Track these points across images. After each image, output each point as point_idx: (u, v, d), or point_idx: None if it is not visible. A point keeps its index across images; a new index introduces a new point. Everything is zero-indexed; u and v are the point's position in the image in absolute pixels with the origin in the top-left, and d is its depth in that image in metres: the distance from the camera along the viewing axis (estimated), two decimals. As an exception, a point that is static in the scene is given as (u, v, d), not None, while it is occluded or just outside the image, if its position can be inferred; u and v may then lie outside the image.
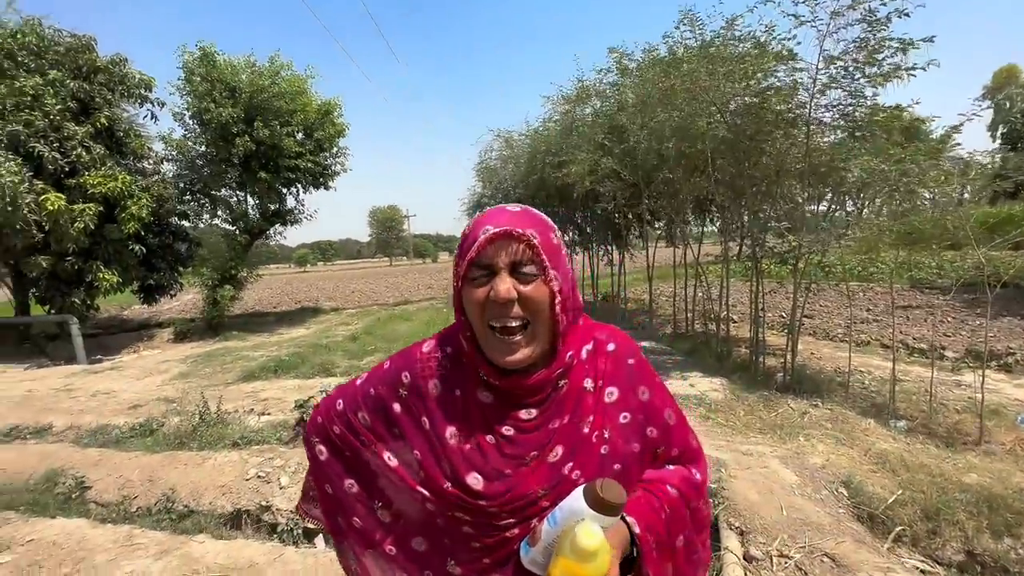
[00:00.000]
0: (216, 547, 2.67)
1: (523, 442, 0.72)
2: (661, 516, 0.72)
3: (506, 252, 0.67)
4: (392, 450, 0.77)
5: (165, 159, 11.93)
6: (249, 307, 16.13)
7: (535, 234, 0.68)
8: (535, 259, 0.68)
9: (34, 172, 8.85)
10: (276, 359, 7.32)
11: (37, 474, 3.68)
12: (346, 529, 0.82)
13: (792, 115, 5.18)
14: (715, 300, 7.51)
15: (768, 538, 2.34)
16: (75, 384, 6.73)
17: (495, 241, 0.67)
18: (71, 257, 9.46)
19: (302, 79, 11.72)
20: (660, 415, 0.78)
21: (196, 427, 4.24)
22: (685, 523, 0.76)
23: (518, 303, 0.67)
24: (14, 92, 8.81)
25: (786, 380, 5.29)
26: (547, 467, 0.71)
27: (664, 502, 0.73)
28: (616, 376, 0.77)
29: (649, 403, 0.78)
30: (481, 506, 0.70)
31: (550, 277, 0.69)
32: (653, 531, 0.70)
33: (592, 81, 7.98)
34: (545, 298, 0.69)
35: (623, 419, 0.75)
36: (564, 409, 0.73)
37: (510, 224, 0.68)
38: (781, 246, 5.88)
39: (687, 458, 0.81)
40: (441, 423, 0.74)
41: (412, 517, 0.77)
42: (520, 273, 0.68)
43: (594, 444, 0.72)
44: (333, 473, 0.83)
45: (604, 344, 0.79)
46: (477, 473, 0.70)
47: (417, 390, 0.77)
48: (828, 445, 3.44)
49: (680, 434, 0.80)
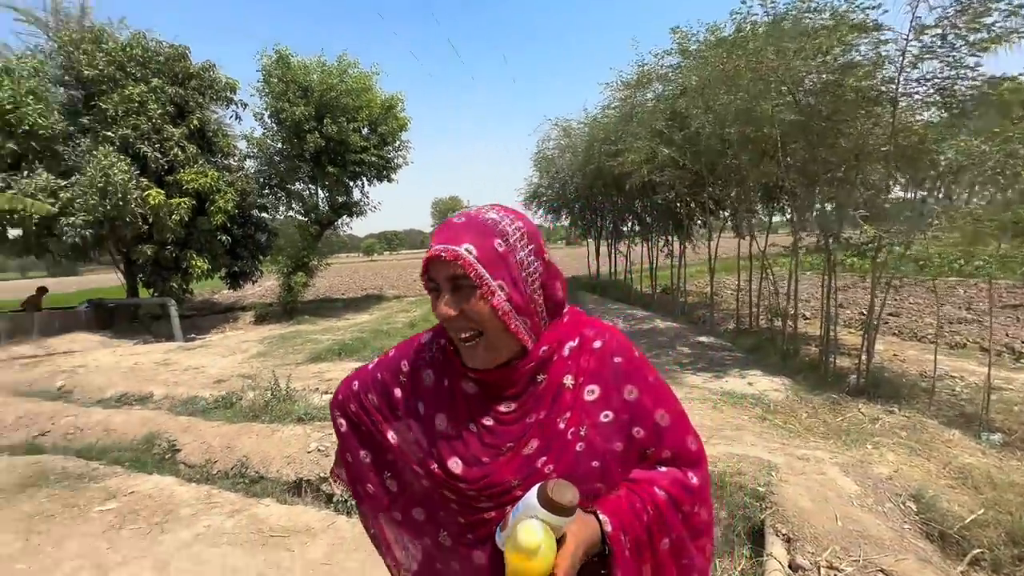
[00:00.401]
0: (279, 511, 2.94)
1: (501, 433, 0.74)
2: (643, 517, 0.71)
3: (443, 269, 0.69)
4: (395, 429, 0.83)
5: (247, 156, 12.99)
6: (320, 293, 17.26)
7: (471, 248, 0.68)
8: (468, 275, 0.68)
9: (140, 171, 9.99)
10: (341, 343, 7.81)
11: (139, 436, 4.22)
12: (363, 495, 0.90)
13: (875, 92, 4.69)
14: (782, 294, 7.04)
15: (818, 548, 2.20)
16: (172, 359, 7.59)
17: (434, 260, 0.69)
18: (170, 246, 10.62)
19: (367, 76, 12.24)
20: (650, 416, 0.76)
21: (268, 402, 4.65)
22: (674, 526, 0.74)
23: (464, 316, 0.69)
24: (124, 100, 9.95)
25: (859, 383, 4.87)
26: (521, 459, 0.72)
27: (648, 503, 0.72)
28: (599, 374, 0.76)
29: (637, 403, 0.76)
30: (461, 488, 0.74)
31: (490, 289, 0.69)
32: (629, 531, 0.69)
33: (652, 65, 7.64)
34: (486, 310, 0.69)
35: (604, 417, 0.74)
36: (541, 404, 0.74)
37: (445, 242, 0.69)
38: (859, 237, 5.37)
39: (683, 461, 0.78)
40: (432, 410, 0.79)
41: (414, 489, 0.84)
42: (460, 288, 0.70)
43: (569, 440, 0.73)
44: (351, 445, 0.90)
45: (590, 341, 0.78)
46: (458, 459, 0.74)
47: (413, 378, 0.82)
48: (899, 455, 3.15)
49: (675, 436, 0.77)
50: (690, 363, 5.94)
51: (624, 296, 12.96)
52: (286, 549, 2.54)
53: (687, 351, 6.59)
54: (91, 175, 9.12)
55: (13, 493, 3.23)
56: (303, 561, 2.43)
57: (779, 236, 10.40)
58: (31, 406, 5.16)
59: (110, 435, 4.37)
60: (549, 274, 0.76)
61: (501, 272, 0.70)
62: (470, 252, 0.68)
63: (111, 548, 2.58)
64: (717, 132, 6.11)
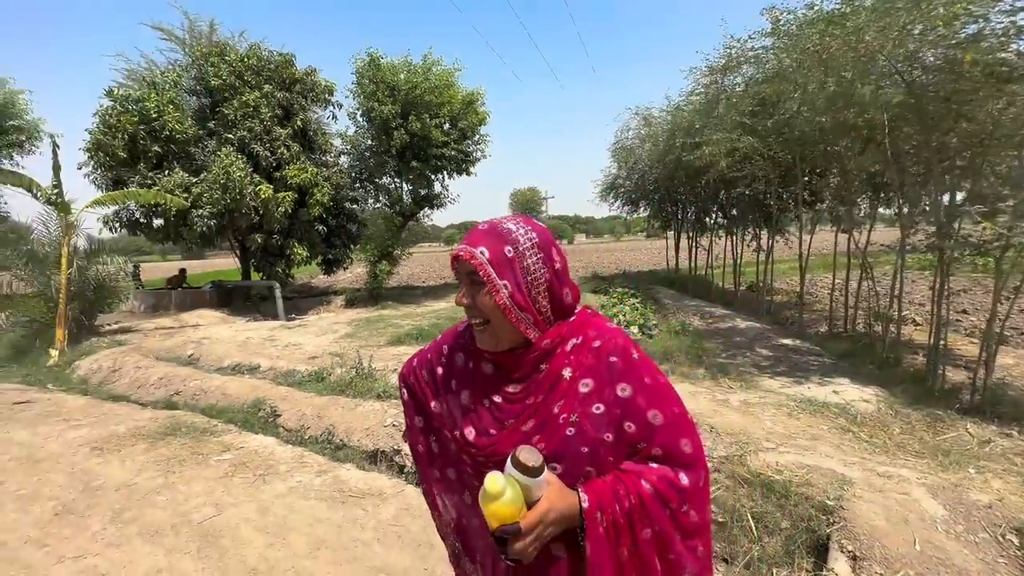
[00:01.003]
0: (358, 475, 3.31)
1: (506, 410, 0.87)
2: (623, 503, 0.77)
3: (462, 267, 0.84)
4: (436, 400, 0.99)
5: (341, 153, 14.11)
6: (403, 280, 18.37)
7: (485, 251, 0.82)
8: (479, 273, 0.82)
9: (253, 168, 11.29)
10: (419, 328, 8.34)
11: (248, 401, 4.89)
12: (417, 453, 1.08)
13: (1009, 67, 4.05)
14: (884, 295, 6.34)
15: (888, 570, 2.05)
16: (276, 336, 8.58)
17: (454, 258, 0.85)
18: (276, 235, 11.92)
19: (450, 73, 12.72)
20: (642, 414, 0.82)
21: (352, 379, 5.14)
22: (658, 519, 0.79)
23: (475, 306, 0.84)
24: (242, 105, 11.27)
25: (973, 399, 4.31)
26: (520, 434, 0.84)
27: (632, 491, 0.78)
28: (594, 370, 0.84)
29: (630, 400, 0.82)
30: (472, 453, 0.88)
31: (495, 287, 0.81)
32: (606, 511, 0.76)
33: (740, 48, 7.15)
34: (490, 303, 0.83)
35: (595, 409, 0.82)
36: (540, 390, 0.86)
37: (466, 244, 0.84)
38: (982, 233, 4.69)
39: (676, 462, 0.82)
40: (460, 386, 0.94)
41: (449, 452, 0.99)
42: (474, 283, 0.84)
43: (560, 424, 0.82)
44: (410, 411, 1.07)
45: (591, 340, 0.87)
46: (472, 428, 0.89)
47: (451, 359, 0.99)
48: (1008, 483, 2.78)
49: (667, 437, 0.82)
50: (768, 366, 5.59)
51: (703, 292, 12.36)
52: (361, 508, 2.87)
53: (767, 353, 6.20)
54: (215, 173, 10.49)
55: (156, 439, 3.94)
56: (375, 520, 2.73)
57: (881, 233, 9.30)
58: (168, 369, 6.16)
59: (226, 398, 5.10)
60: (559, 282, 0.87)
61: (507, 274, 0.82)
62: (483, 254, 0.82)
63: (225, 491, 3.08)
64: (811, 117, 5.61)
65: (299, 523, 2.72)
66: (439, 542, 1.13)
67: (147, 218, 11.82)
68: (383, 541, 2.54)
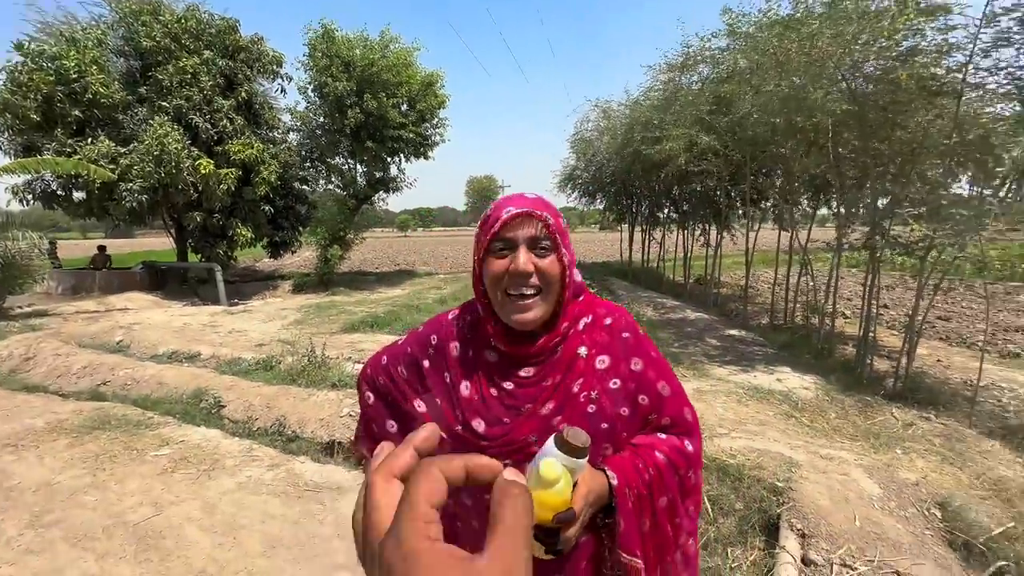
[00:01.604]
0: (313, 468, 3.16)
1: (520, 395, 0.83)
2: (644, 476, 0.79)
3: (525, 229, 0.78)
4: (422, 399, 0.92)
5: (290, 129, 13.33)
6: (355, 266, 17.76)
7: (549, 216, 0.79)
8: (550, 236, 0.79)
9: (191, 141, 10.44)
10: (374, 315, 8.09)
11: (188, 391, 4.55)
12: None
13: (938, 83, 4.39)
14: (821, 291, 6.81)
15: (832, 546, 2.21)
16: (217, 322, 8.04)
17: (517, 219, 0.78)
18: (217, 214, 11.12)
19: (408, 52, 12.27)
20: (653, 386, 0.86)
21: (305, 367, 4.90)
22: (671, 487, 0.82)
23: (538, 272, 0.78)
24: (179, 71, 10.35)
25: (896, 386, 4.72)
26: (539, 418, 0.81)
27: (649, 464, 0.80)
28: (610, 347, 0.86)
29: (642, 374, 0.85)
30: (483, 446, 0.82)
31: (562, 253, 0.80)
32: (632, 486, 0.78)
33: (698, 47, 7.35)
34: (557, 271, 0.79)
35: (612, 384, 0.83)
36: (557, 370, 0.83)
37: (530, 206, 0.79)
38: (909, 235, 5.12)
39: (680, 430, 0.87)
40: (458, 377, 0.87)
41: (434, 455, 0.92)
42: (537, 248, 0.79)
43: (581, 402, 0.82)
44: (378, 415, 0.97)
45: (602, 318, 0.88)
46: (481, 419, 0.83)
47: (442, 350, 0.91)
48: (930, 462, 3.07)
49: (673, 406, 0.87)
50: (718, 355, 5.87)
51: (655, 284, 12.78)
52: (319, 503, 2.74)
53: (716, 343, 6.50)
54: (147, 143, 9.61)
55: (81, 434, 3.58)
56: (335, 514, 2.62)
57: (821, 231, 9.98)
58: (93, 357, 5.62)
59: (162, 388, 4.72)
60: (573, 261, 0.86)
61: (567, 243, 0.82)
62: (549, 219, 0.79)
63: (165, 489, 2.85)
64: (763, 119, 5.87)
65: (251, 520, 2.56)
66: None
67: (66, 190, 10.67)
68: (344, 536, 2.44)
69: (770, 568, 2.18)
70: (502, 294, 0.80)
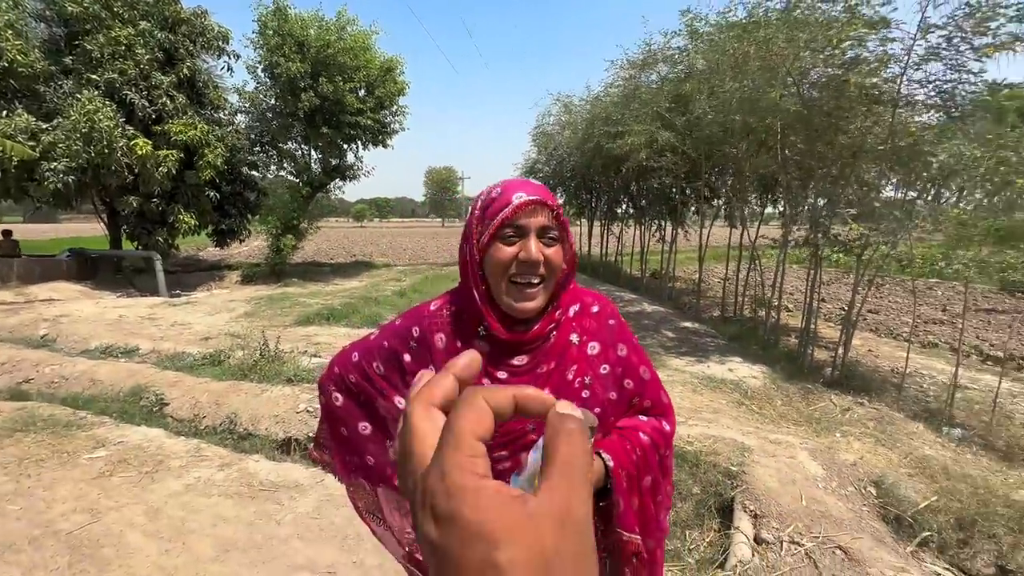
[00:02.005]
0: (268, 466, 3.02)
1: (514, 384, 0.80)
2: (632, 457, 0.82)
3: (537, 217, 0.77)
4: (403, 395, 0.87)
5: (238, 111, 12.58)
6: (309, 256, 17.08)
7: (557, 206, 0.79)
8: (558, 227, 0.78)
9: (126, 118, 9.64)
10: (330, 307, 7.81)
11: (126, 388, 4.23)
12: (360, 466, 0.93)
13: (877, 91, 4.72)
14: (768, 286, 7.19)
15: (782, 524, 2.35)
16: (157, 314, 7.52)
17: (529, 206, 0.76)
18: (156, 199, 10.36)
19: (367, 35, 11.84)
20: (636, 370, 0.89)
21: (257, 362, 4.67)
22: (653, 467, 0.86)
23: (545, 261, 0.77)
24: (110, 41, 9.51)
25: (834, 375, 5.07)
26: None
27: (636, 446, 0.83)
28: (599, 333, 0.88)
29: (627, 359, 0.88)
30: None
31: (567, 244, 0.80)
32: (624, 467, 0.81)
33: (659, 46, 7.53)
34: (562, 260, 0.79)
35: (603, 370, 0.86)
36: (551, 357, 0.83)
37: (539, 194, 0.77)
38: (847, 234, 5.49)
39: (658, 411, 0.91)
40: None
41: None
42: (546, 237, 0.78)
43: (576, 388, 0.83)
44: (349, 417, 0.92)
45: (590, 306, 0.90)
46: None
47: (425, 342, 0.87)
48: (865, 444, 3.33)
49: (653, 389, 0.91)
50: (674, 347, 6.09)
51: (614, 278, 13.08)
52: (275, 503, 2.62)
53: (672, 335, 6.74)
54: (74, 119, 8.79)
55: (1, 436, 3.25)
56: (293, 514, 2.52)
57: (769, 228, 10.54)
58: (13, 352, 5.12)
59: (96, 385, 4.37)
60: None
61: (570, 233, 0.82)
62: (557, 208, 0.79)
63: (102, 494, 2.64)
64: (719, 119, 6.10)
65: (201, 524, 2.42)
66: (367, 532, 1.02)
67: (-25, 168, 9.59)
68: (304, 536, 2.35)
69: (726, 548, 2.29)
70: (506, 281, 0.78)
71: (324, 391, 0.97)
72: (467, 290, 0.84)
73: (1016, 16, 3.71)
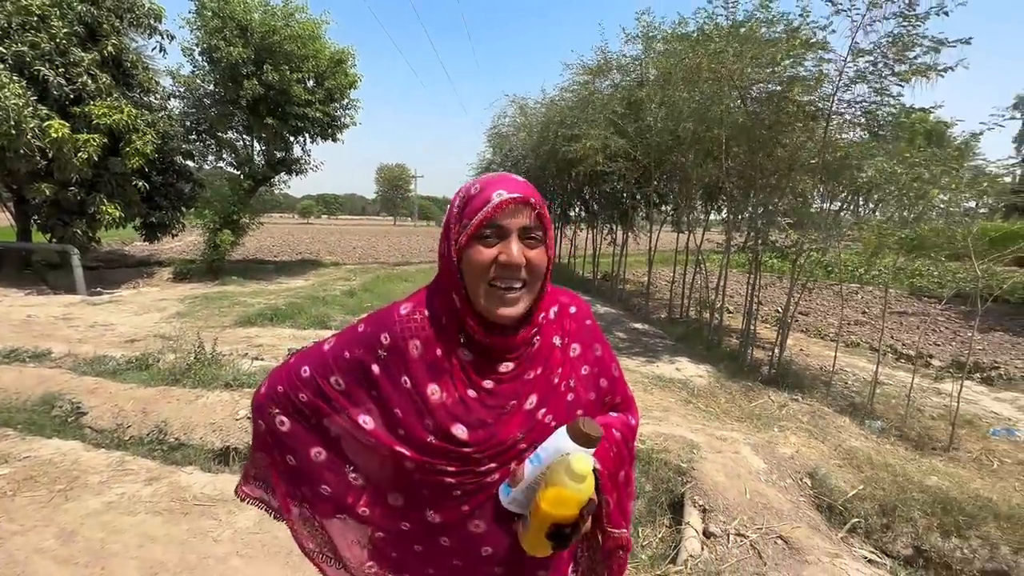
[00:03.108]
0: (204, 479, 2.80)
1: (502, 392, 0.77)
2: (611, 454, 0.83)
3: (519, 217, 0.72)
4: (369, 414, 0.78)
5: (172, 95, 11.69)
6: (250, 253, 16.15)
7: (540, 205, 0.75)
8: (541, 227, 0.74)
9: (39, 97, 8.69)
10: (273, 307, 7.40)
11: (34, 396, 3.79)
12: (312, 498, 0.83)
13: (813, 108, 5.07)
14: (712, 289, 7.55)
15: (729, 518, 2.45)
16: (74, 314, 6.83)
17: (511, 205, 0.71)
18: (74, 187, 9.40)
19: (316, 24, 11.36)
20: (609, 369, 0.90)
21: (191, 365, 4.33)
22: (626, 461, 0.87)
23: (527, 264, 0.73)
24: (20, 11, 8.54)
25: (771, 373, 5.39)
26: (524, 413, 0.78)
27: (611, 443, 0.84)
28: (578, 334, 0.87)
29: (602, 358, 0.89)
30: (466, 453, 0.75)
31: (550, 244, 0.77)
32: (606, 466, 0.81)
33: (615, 54, 7.74)
34: (544, 262, 0.75)
35: (584, 371, 0.86)
36: (537, 362, 0.80)
37: (523, 192, 0.72)
38: (783, 241, 5.87)
39: (624, 406, 0.93)
40: (423, 381, 0.76)
41: (385, 477, 0.80)
42: (528, 238, 0.73)
43: (562, 392, 0.82)
44: (298, 443, 0.82)
45: (567, 307, 0.88)
46: (461, 424, 0.75)
47: (397, 351, 0.77)
48: (801, 438, 3.55)
49: (622, 385, 0.93)
50: (626, 348, 6.25)
51: (566, 280, 13.29)
52: (212, 518, 2.43)
53: (623, 336, 6.92)
54: (-26, 95, 7.81)
55: None
56: (231, 530, 2.34)
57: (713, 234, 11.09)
58: None
59: (-2, 394, 3.89)
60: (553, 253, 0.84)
61: (551, 232, 0.79)
62: (540, 207, 0.74)
63: (4, 516, 2.34)
64: (670, 127, 6.33)
65: (124, 546, 2.19)
66: None
67: None
68: (244, 554, 2.19)
69: (677, 543, 2.36)
70: (485, 285, 0.72)
71: (263, 415, 0.84)
72: (446, 293, 0.78)
73: (931, 47, 4.10)
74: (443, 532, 0.79)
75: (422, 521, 0.79)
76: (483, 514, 0.77)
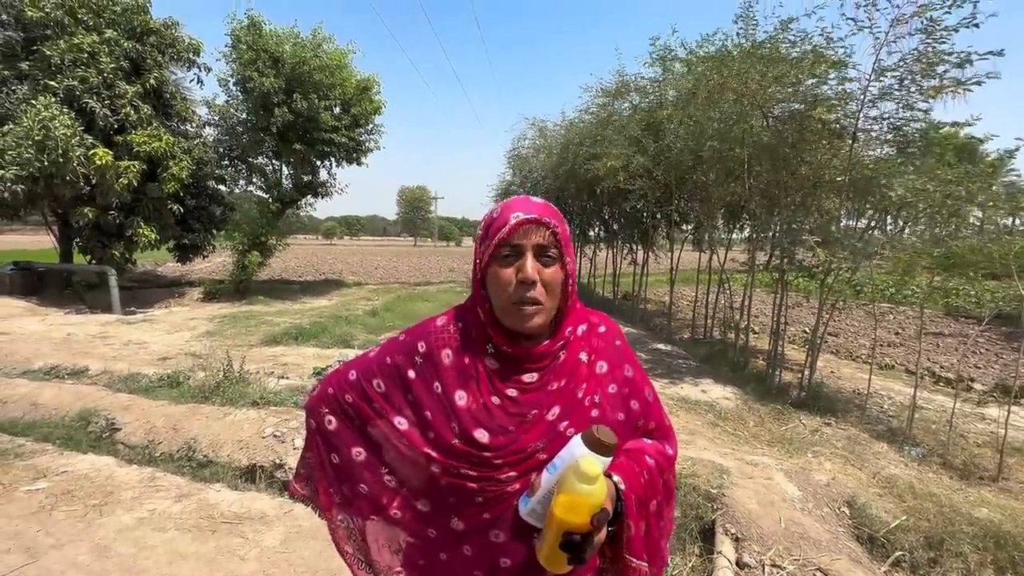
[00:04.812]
0: (231, 496, 2.83)
1: (524, 402, 0.80)
2: (640, 480, 0.81)
3: (533, 236, 0.77)
4: (404, 415, 0.84)
5: (207, 123, 12.27)
6: (276, 274, 16.57)
7: (556, 224, 0.79)
8: (556, 245, 0.78)
9: (85, 127, 9.23)
10: (298, 327, 7.54)
11: (72, 412, 3.92)
12: (351, 497, 0.88)
13: (838, 126, 5.02)
14: (737, 309, 7.41)
15: (763, 547, 2.35)
16: (110, 332, 7.09)
17: (525, 226, 0.76)
18: (114, 211, 9.88)
19: (343, 53, 11.84)
20: (641, 391, 0.89)
21: (219, 383, 4.42)
22: (658, 490, 0.84)
23: (542, 282, 0.77)
24: (72, 48, 9.16)
25: (801, 396, 5.21)
26: (545, 424, 0.79)
27: (643, 468, 0.82)
28: (606, 352, 0.88)
29: (633, 379, 0.89)
30: (487, 458, 0.77)
31: (566, 262, 0.80)
32: (634, 490, 0.80)
33: (632, 76, 7.83)
34: (559, 280, 0.79)
35: (611, 389, 0.86)
36: (561, 375, 0.83)
37: (539, 213, 0.77)
38: (810, 260, 5.74)
39: (661, 434, 0.91)
40: (452, 387, 0.82)
41: (416, 481, 0.85)
42: (543, 256, 0.77)
43: (586, 407, 0.82)
44: (342, 443, 0.88)
45: (596, 326, 0.90)
46: (484, 430, 0.78)
47: (431, 358, 0.84)
48: (836, 464, 3.41)
49: (656, 411, 0.91)
50: (649, 368, 6.14)
51: (586, 299, 13.08)
52: (239, 536, 2.45)
53: (645, 356, 6.81)
54: (27, 126, 8.35)
55: (-76, 468, 2.94)
56: (258, 548, 2.35)
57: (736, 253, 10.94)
58: (-56, 374, 4.70)
59: (38, 409, 4.03)
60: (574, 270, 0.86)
61: (570, 252, 0.81)
62: (556, 227, 0.78)
63: (42, 530, 2.40)
64: (691, 146, 6.34)
65: (155, 562, 2.22)
66: (341, 566, 0.95)
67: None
68: (270, 572, 2.19)
69: (709, 573, 2.27)
70: (506, 301, 0.78)
71: (314, 414, 0.91)
72: (474, 308, 0.84)
73: (958, 62, 4.04)
74: (466, 540, 0.81)
75: (447, 528, 0.82)
76: (503, 524, 0.78)
